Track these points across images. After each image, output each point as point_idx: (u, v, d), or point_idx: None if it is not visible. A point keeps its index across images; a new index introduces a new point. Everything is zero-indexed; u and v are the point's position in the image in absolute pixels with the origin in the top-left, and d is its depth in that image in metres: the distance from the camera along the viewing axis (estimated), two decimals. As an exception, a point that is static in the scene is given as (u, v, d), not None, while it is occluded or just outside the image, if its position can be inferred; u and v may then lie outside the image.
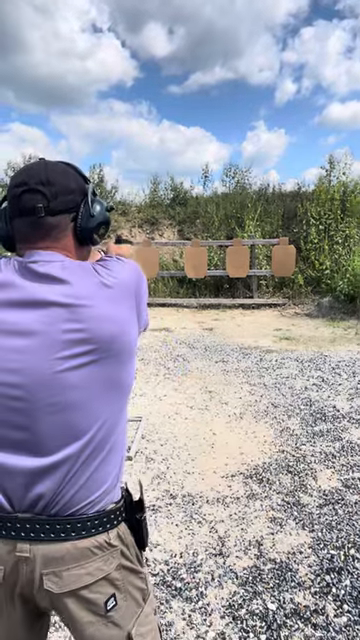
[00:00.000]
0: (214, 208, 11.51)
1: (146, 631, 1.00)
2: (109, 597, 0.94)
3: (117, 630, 0.96)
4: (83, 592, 0.92)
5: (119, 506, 0.98)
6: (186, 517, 2.62)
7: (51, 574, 0.90)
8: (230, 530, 2.50)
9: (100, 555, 0.93)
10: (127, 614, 0.97)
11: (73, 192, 0.99)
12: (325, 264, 9.24)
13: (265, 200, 11.51)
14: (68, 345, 0.89)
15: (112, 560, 0.95)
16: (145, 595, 1.02)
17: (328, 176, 11.70)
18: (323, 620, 1.91)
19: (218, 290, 10.12)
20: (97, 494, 0.94)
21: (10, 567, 0.91)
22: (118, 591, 0.96)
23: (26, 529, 0.90)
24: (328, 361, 5.54)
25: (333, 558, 2.27)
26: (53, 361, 0.88)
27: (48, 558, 0.90)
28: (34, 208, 0.95)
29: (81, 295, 0.92)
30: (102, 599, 0.93)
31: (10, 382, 0.88)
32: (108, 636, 0.95)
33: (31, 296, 0.91)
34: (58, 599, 0.92)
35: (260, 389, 4.68)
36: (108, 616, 0.94)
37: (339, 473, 3.07)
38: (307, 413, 4.05)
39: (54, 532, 0.90)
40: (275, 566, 2.22)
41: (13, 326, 0.89)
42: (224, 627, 1.89)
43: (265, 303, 9.34)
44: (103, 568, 0.93)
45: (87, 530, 0.92)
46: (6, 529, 0.90)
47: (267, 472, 3.09)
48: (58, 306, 0.90)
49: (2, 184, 15.14)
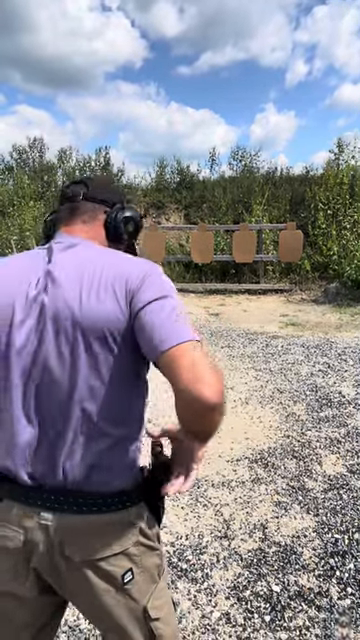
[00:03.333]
0: (221, 192, 11.40)
1: (160, 604, 1.05)
2: (126, 571, 0.98)
3: (133, 603, 1.00)
4: (101, 563, 0.96)
5: (138, 486, 1.01)
6: (192, 500, 2.64)
7: (72, 543, 0.95)
8: (235, 513, 2.52)
9: (120, 530, 0.98)
10: (143, 588, 1.02)
11: (111, 191, 1.15)
12: (333, 249, 9.16)
13: (273, 184, 11.38)
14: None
15: (131, 536, 0.99)
16: (160, 571, 1.07)
17: (337, 160, 11.55)
18: (327, 602, 1.94)
19: (224, 275, 10.07)
20: (117, 473, 0.98)
21: (31, 534, 0.96)
22: (135, 566, 1.00)
23: (51, 500, 0.95)
24: (334, 347, 5.52)
25: (337, 542, 2.29)
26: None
27: (70, 528, 0.95)
28: (74, 194, 1.10)
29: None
30: (119, 572, 0.98)
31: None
32: (124, 606, 1.00)
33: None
34: (76, 569, 0.97)
35: (266, 374, 4.68)
36: (125, 589, 0.99)
37: (344, 459, 3.08)
38: (313, 399, 4.05)
39: (77, 505, 0.95)
40: (279, 549, 2.25)
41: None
42: (229, 608, 1.92)
43: (271, 289, 9.30)
44: (122, 543, 0.98)
45: (107, 506, 0.96)
46: (32, 497, 0.96)
47: (272, 457, 3.11)
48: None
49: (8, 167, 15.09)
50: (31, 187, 12.75)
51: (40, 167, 14.53)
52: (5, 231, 10.77)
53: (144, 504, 1.03)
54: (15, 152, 15.28)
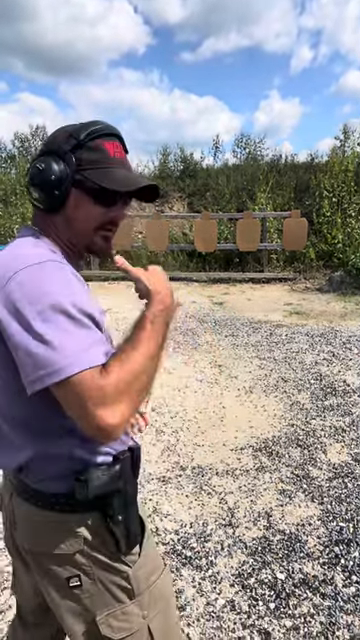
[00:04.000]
0: (225, 180, 11.30)
1: (120, 627, 0.94)
2: (72, 576, 0.93)
3: (81, 608, 0.95)
4: (42, 559, 0.96)
5: (73, 494, 0.90)
6: (196, 488, 2.64)
7: (19, 528, 0.99)
8: (239, 501, 2.52)
9: (57, 532, 0.92)
10: (98, 602, 0.95)
11: (43, 154, 0.93)
12: (337, 238, 9.07)
13: (277, 172, 11.26)
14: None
15: (72, 542, 0.92)
16: (131, 594, 0.96)
17: (342, 147, 11.41)
18: (332, 590, 1.93)
19: (228, 264, 10.02)
20: (48, 478, 0.92)
21: (6, 500, 1.04)
22: (85, 575, 0.94)
23: (13, 481, 1.00)
24: (339, 336, 5.49)
25: (342, 530, 2.29)
26: None
27: (18, 513, 0.99)
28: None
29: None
30: (64, 574, 0.93)
31: None
32: (70, 608, 0.95)
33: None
34: (26, 553, 1.00)
35: (270, 363, 4.67)
36: (72, 593, 0.94)
37: (349, 447, 3.07)
38: (317, 387, 4.04)
39: (21, 488, 0.97)
40: (284, 537, 2.25)
41: None
42: (233, 595, 1.92)
43: (276, 277, 9.25)
44: (60, 545, 0.92)
45: (42, 502, 0.93)
46: (7, 476, 1.03)
47: (277, 445, 3.10)
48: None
49: (10, 155, 14.99)
50: (33, 176, 12.64)
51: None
52: (8, 220, 10.73)
53: (98, 517, 0.93)
54: (17, 140, 15.19)
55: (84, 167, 0.91)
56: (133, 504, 0.97)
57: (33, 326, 0.76)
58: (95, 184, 0.91)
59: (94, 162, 0.91)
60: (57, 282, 0.81)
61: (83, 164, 0.91)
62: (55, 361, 0.75)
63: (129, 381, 0.79)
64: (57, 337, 0.76)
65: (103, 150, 0.92)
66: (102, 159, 0.92)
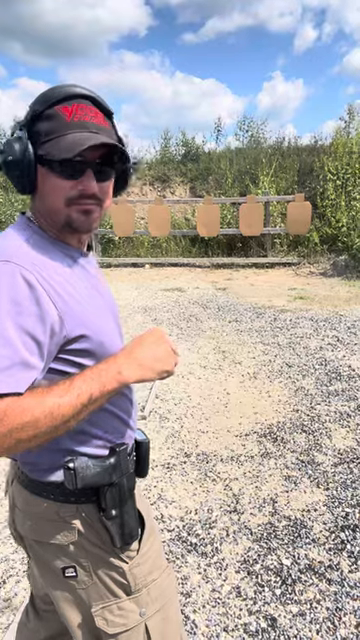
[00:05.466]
0: (227, 164, 11.14)
1: (115, 621, 0.93)
2: (68, 566, 0.93)
3: (76, 598, 0.95)
4: (37, 547, 0.96)
5: (65, 485, 0.88)
6: (200, 475, 2.63)
7: (17, 512, 0.99)
8: (244, 488, 2.51)
9: (49, 521, 0.92)
10: (93, 594, 0.94)
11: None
12: (342, 221, 8.96)
13: (280, 155, 11.09)
14: None
15: (66, 534, 0.91)
16: (127, 590, 0.95)
17: (347, 128, 11.21)
18: (338, 575, 1.92)
19: (231, 249, 9.94)
20: (35, 463, 0.92)
21: (9, 485, 1.04)
22: (80, 567, 0.93)
23: (17, 464, 0.99)
24: (343, 320, 5.45)
25: (348, 516, 2.27)
26: None
27: (16, 496, 0.99)
28: None
29: None
30: (59, 564, 0.93)
31: None
32: (65, 596, 0.96)
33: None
34: (23, 539, 1.00)
35: (274, 349, 4.63)
36: (68, 583, 0.95)
37: (354, 432, 3.04)
38: (322, 373, 4.01)
39: (20, 474, 0.97)
40: (289, 523, 2.24)
41: None
42: (239, 581, 1.91)
43: (279, 262, 9.17)
44: (53, 536, 0.91)
45: (37, 489, 0.93)
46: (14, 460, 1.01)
47: (281, 431, 3.08)
48: None
49: (10, 142, 14.84)
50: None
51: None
52: (9, 207, 10.65)
53: (94, 510, 0.92)
54: (17, 126, 15.02)
55: (42, 140, 0.84)
56: (130, 499, 0.93)
57: None
58: (49, 155, 0.83)
59: (49, 132, 0.83)
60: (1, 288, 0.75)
61: (42, 137, 0.84)
62: None
63: (23, 422, 0.72)
64: None
65: (59, 116, 0.83)
66: (57, 127, 0.83)
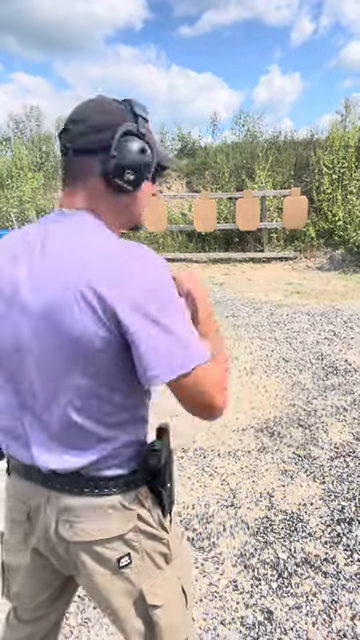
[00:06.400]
0: (224, 158, 11.12)
1: (162, 593, 0.99)
2: (123, 555, 0.96)
3: (129, 585, 0.98)
4: (96, 547, 0.94)
5: (137, 471, 0.96)
6: (198, 470, 2.65)
7: (65, 522, 0.94)
8: (241, 482, 2.53)
9: (114, 515, 0.94)
10: (143, 573, 0.98)
11: (104, 130, 0.89)
12: (338, 215, 8.97)
13: (277, 149, 11.08)
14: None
15: (127, 522, 0.95)
16: (168, 559, 1.01)
17: (343, 122, 11.18)
18: (333, 568, 1.94)
19: (228, 244, 9.94)
20: (113, 458, 0.93)
21: (34, 508, 0.97)
22: (134, 551, 0.97)
23: (46, 477, 0.94)
24: (340, 315, 5.46)
25: (344, 509, 2.29)
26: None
27: (64, 506, 0.94)
28: (63, 149, 0.94)
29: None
30: (115, 555, 0.95)
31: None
32: (121, 589, 0.98)
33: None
34: (72, 549, 0.96)
35: (271, 344, 4.65)
36: (121, 572, 0.96)
37: (350, 426, 3.06)
38: (319, 367, 4.02)
39: (69, 485, 0.93)
40: (286, 517, 2.25)
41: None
42: (236, 575, 1.93)
43: (276, 257, 9.17)
44: (117, 528, 0.94)
45: (100, 489, 0.93)
46: (32, 474, 0.95)
47: (278, 426, 3.10)
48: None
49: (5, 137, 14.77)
50: (29, 158, 12.48)
51: (38, 137, 14.20)
52: (5, 203, 10.62)
53: (146, 490, 0.98)
54: (12, 122, 14.94)
55: (153, 148, 0.96)
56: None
57: (159, 320, 0.80)
58: (160, 164, 0.99)
59: (155, 142, 0.97)
60: (167, 274, 0.86)
61: (152, 145, 0.95)
62: (183, 354, 0.81)
63: (223, 375, 0.89)
64: (182, 331, 0.82)
65: (151, 130, 0.97)
66: (155, 139, 0.98)
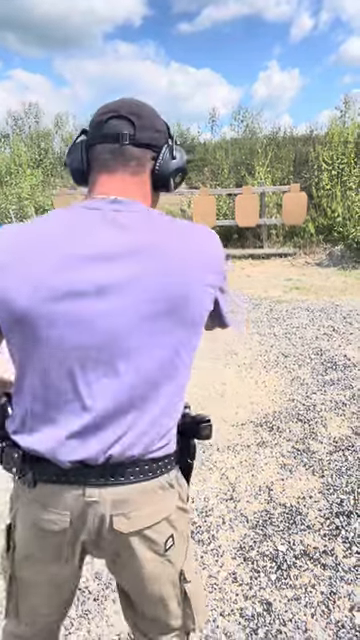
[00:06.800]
0: (223, 155, 11.11)
1: (192, 566, 1.07)
2: (168, 537, 0.98)
3: (171, 567, 1.01)
4: (147, 532, 0.95)
5: (176, 449, 1.00)
6: (197, 464, 2.65)
7: (120, 515, 0.92)
8: (241, 476, 2.54)
9: (162, 496, 0.97)
10: (180, 552, 1.02)
11: (159, 132, 0.99)
12: (337, 211, 8.95)
13: (276, 145, 11.06)
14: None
15: (172, 500, 0.99)
16: (190, 532, 1.09)
17: (342, 117, 11.16)
18: (332, 561, 1.95)
19: (227, 240, 9.92)
20: (162, 442, 0.95)
21: (78, 512, 0.92)
22: (175, 531, 1.00)
23: (95, 475, 0.90)
24: (339, 310, 5.47)
25: (343, 502, 2.30)
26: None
27: (117, 500, 0.92)
28: (119, 135, 0.93)
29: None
30: (162, 539, 0.97)
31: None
32: (164, 573, 1.00)
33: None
34: (125, 540, 0.95)
35: (270, 339, 4.65)
36: (166, 554, 0.99)
37: (349, 421, 3.07)
38: (318, 362, 4.03)
39: (123, 475, 0.91)
40: (285, 510, 2.26)
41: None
42: (235, 567, 1.94)
43: (275, 253, 9.17)
44: (165, 508, 0.98)
45: (153, 472, 0.94)
46: (75, 475, 0.90)
47: (277, 420, 3.11)
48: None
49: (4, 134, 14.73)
50: (28, 155, 12.46)
51: (37, 134, 14.17)
52: (4, 200, 10.59)
53: (177, 469, 1.03)
54: (11, 119, 14.91)
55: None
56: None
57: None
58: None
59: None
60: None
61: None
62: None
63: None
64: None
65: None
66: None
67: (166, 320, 0.89)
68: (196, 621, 1.08)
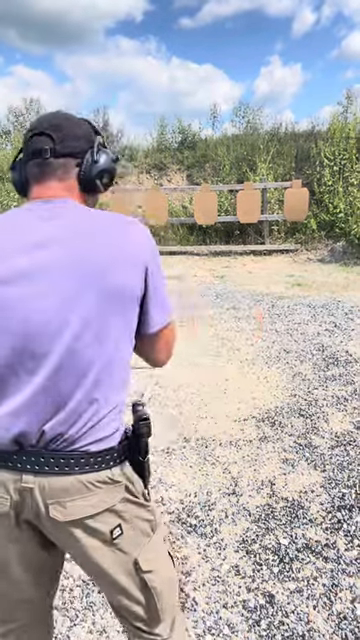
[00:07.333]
0: (224, 151, 11.08)
1: (153, 557, 1.07)
2: (115, 527, 1.00)
3: (124, 556, 1.03)
4: (88, 521, 0.98)
5: (122, 445, 1.03)
6: (200, 459, 2.67)
7: (56, 504, 0.95)
8: (243, 471, 2.55)
9: (103, 489, 0.99)
10: (134, 542, 1.04)
11: (79, 139, 1.06)
12: (339, 207, 8.94)
13: (278, 141, 11.02)
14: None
15: (115, 494, 1.01)
16: (153, 525, 1.09)
17: (345, 113, 11.12)
18: (334, 554, 1.97)
19: (229, 237, 9.92)
20: (99, 432, 0.98)
21: (17, 497, 0.96)
22: (124, 522, 1.02)
23: (31, 462, 0.95)
24: (341, 306, 5.48)
25: (344, 496, 2.32)
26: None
27: (52, 489, 0.95)
28: (41, 150, 1.03)
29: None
30: (107, 528, 1.00)
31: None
32: (115, 561, 1.02)
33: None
34: (64, 528, 0.98)
35: (272, 335, 4.67)
36: (114, 543, 1.01)
37: (351, 416, 3.09)
38: (319, 358, 4.04)
39: (58, 466, 0.95)
40: (287, 504, 2.28)
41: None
42: (238, 560, 1.96)
43: (277, 249, 9.17)
44: (106, 500, 0.99)
45: (90, 466, 0.97)
46: (12, 461, 0.96)
47: (279, 416, 3.12)
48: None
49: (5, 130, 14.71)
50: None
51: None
52: (5, 197, 10.60)
53: (127, 463, 1.05)
54: (12, 115, 14.88)
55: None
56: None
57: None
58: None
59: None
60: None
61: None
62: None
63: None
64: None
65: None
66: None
67: (95, 300, 0.94)
68: (161, 616, 1.09)
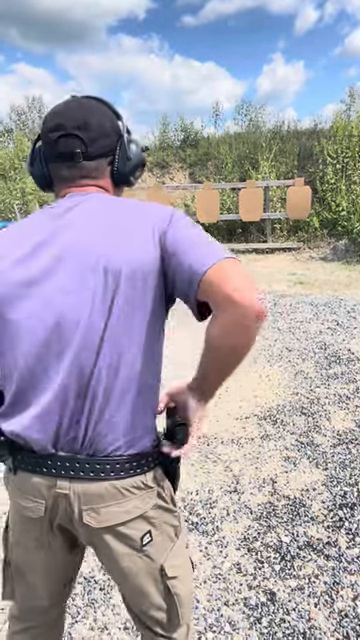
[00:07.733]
0: (226, 149, 11.06)
1: (178, 563, 1.06)
2: (145, 533, 0.99)
3: (151, 562, 1.01)
4: (120, 528, 0.97)
5: (155, 450, 1.00)
6: (201, 457, 2.68)
7: (90, 510, 0.94)
8: (244, 469, 2.55)
9: (137, 495, 0.97)
10: (161, 548, 1.02)
11: (109, 135, 1.00)
12: (342, 205, 8.92)
13: (280, 139, 11.00)
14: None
15: (148, 500, 0.99)
16: (177, 531, 1.07)
17: (348, 111, 11.08)
18: (335, 552, 1.97)
19: (231, 235, 9.91)
20: (133, 436, 0.95)
21: (51, 502, 0.96)
22: (154, 528, 1.01)
23: (66, 467, 0.93)
24: (343, 305, 5.46)
25: (346, 494, 2.32)
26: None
27: (87, 495, 0.94)
28: (72, 154, 0.97)
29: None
30: (138, 535, 0.98)
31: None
32: (143, 567, 1.01)
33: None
34: (97, 534, 0.97)
35: (274, 333, 4.66)
36: (143, 550, 1.00)
37: (353, 414, 3.08)
38: (321, 356, 4.04)
39: (93, 471, 0.93)
40: (289, 502, 2.28)
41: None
42: (239, 558, 1.96)
43: (279, 247, 9.15)
44: (140, 506, 0.98)
45: (125, 471, 0.95)
46: (47, 466, 0.94)
47: (281, 414, 3.12)
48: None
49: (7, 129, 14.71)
50: (32, 149, 12.43)
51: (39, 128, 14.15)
52: (8, 195, 10.61)
53: (160, 467, 1.03)
54: (14, 113, 14.88)
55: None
56: None
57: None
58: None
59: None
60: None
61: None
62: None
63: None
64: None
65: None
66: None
67: (116, 288, 0.90)
68: (181, 621, 1.08)
